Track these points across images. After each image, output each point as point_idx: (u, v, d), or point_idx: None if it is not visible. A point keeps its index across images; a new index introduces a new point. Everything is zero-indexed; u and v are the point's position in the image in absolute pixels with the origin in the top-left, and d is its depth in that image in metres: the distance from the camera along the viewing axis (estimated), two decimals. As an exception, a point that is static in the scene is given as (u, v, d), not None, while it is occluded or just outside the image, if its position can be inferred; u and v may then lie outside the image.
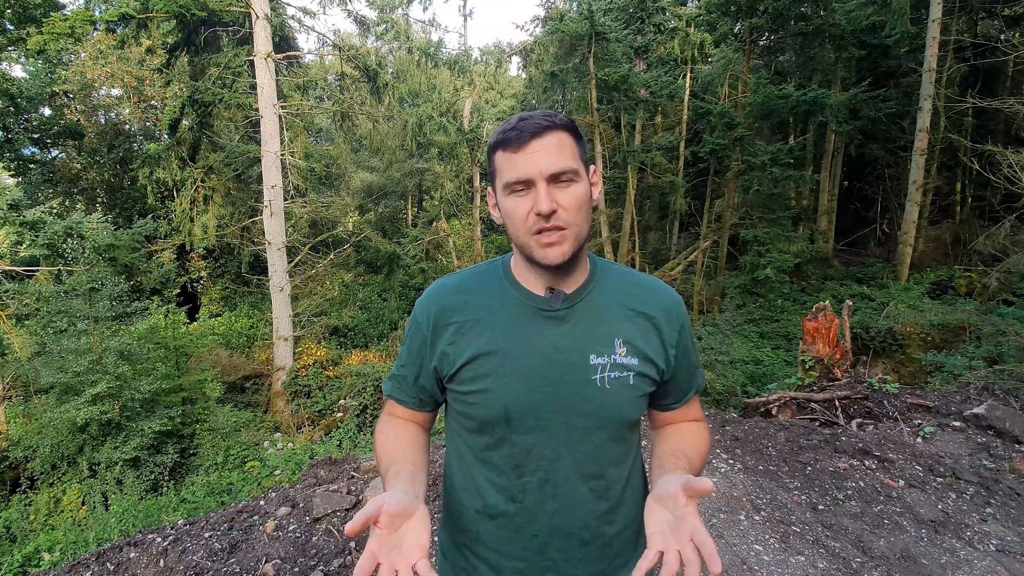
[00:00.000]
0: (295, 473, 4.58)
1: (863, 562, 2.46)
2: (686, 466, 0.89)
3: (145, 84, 13.97)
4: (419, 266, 14.04)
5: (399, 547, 0.71)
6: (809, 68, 13.78)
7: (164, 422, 6.28)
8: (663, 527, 0.74)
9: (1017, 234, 9.79)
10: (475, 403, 0.92)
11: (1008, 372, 4.94)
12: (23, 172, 12.75)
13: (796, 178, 11.27)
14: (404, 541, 0.72)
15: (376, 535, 0.71)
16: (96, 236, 7.81)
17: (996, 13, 11.64)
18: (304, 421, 8.78)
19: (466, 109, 16.11)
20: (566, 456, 0.92)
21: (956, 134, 11.21)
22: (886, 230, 14.37)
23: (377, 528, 0.71)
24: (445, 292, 0.98)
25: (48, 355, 6.71)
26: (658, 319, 0.94)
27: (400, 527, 0.73)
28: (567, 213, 0.84)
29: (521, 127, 0.83)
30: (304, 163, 10.41)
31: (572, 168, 0.84)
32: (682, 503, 0.73)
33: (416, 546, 0.72)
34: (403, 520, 0.74)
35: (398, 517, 0.73)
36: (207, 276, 13.95)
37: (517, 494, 0.93)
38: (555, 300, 0.92)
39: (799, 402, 4.36)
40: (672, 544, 0.70)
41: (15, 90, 10.78)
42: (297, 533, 2.71)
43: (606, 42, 12.13)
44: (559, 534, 0.93)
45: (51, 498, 5.73)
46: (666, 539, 0.72)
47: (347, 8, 18.43)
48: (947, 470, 3.29)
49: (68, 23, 8.69)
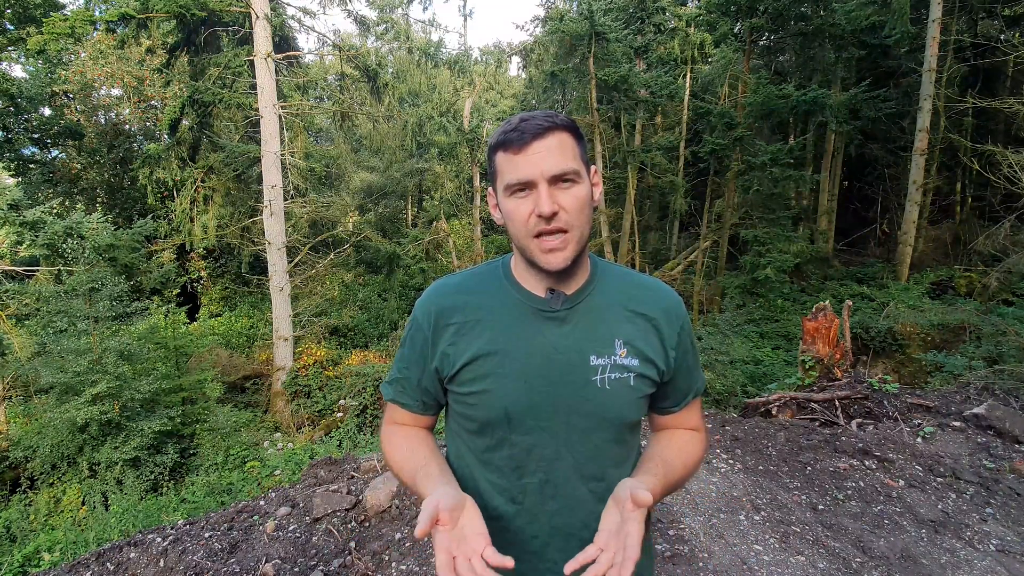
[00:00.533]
0: (295, 473, 4.58)
1: (863, 562, 2.46)
2: (661, 472, 0.90)
3: (145, 84, 13.97)
4: (419, 266, 14.04)
5: (463, 539, 0.75)
6: (809, 68, 13.78)
7: (164, 422, 6.28)
8: (611, 527, 0.77)
9: (1017, 234, 9.79)
10: (475, 404, 0.92)
11: (1008, 372, 4.94)
12: (23, 172, 12.76)
13: (796, 178, 11.27)
14: (464, 532, 0.76)
15: (441, 532, 0.74)
16: (96, 236, 7.81)
17: (996, 13, 11.64)
18: (304, 421, 8.78)
19: (466, 109, 16.11)
20: (566, 457, 0.91)
21: (956, 134, 11.21)
22: (886, 230, 14.36)
23: (440, 526, 0.74)
24: (445, 292, 0.97)
25: (48, 355, 6.71)
26: (658, 320, 0.94)
27: (459, 520, 0.77)
28: (568, 215, 0.83)
29: (522, 128, 0.83)
30: (304, 163, 10.41)
31: (574, 169, 0.84)
32: (629, 508, 0.76)
33: (478, 535, 0.75)
34: (459, 513, 0.78)
35: (455, 511, 0.77)
36: (207, 276, 13.95)
37: (517, 495, 0.93)
38: (555, 301, 0.91)
39: (799, 402, 4.36)
40: (612, 545, 0.74)
41: (15, 90, 10.78)
42: (297, 533, 2.71)
43: (606, 42, 12.14)
44: (559, 535, 0.93)
45: (51, 498, 5.73)
46: (608, 539, 0.75)
47: (347, 8, 18.47)
48: (947, 470, 3.29)
49: (68, 23, 8.69)
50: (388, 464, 1.00)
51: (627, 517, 0.75)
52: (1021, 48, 9.20)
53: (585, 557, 0.74)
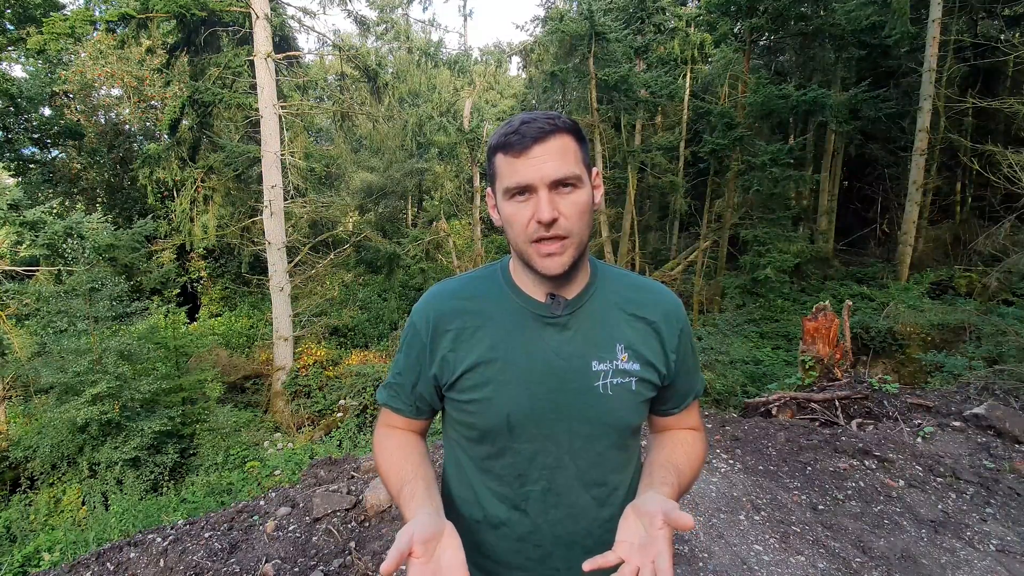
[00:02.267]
0: (295, 473, 4.58)
1: (863, 562, 2.46)
2: (675, 480, 0.88)
3: (145, 84, 13.96)
4: (419, 266, 14.03)
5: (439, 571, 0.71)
6: (809, 68, 13.79)
7: (164, 422, 6.28)
8: (633, 539, 0.74)
9: (1017, 234, 9.79)
10: (476, 412, 0.91)
11: (1008, 372, 4.94)
12: (23, 172, 12.74)
13: (796, 178, 11.27)
14: (439, 564, 0.72)
15: (414, 566, 0.71)
16: (96, 236, 7.82)
17: (996, 13, 11.64)
18: (304, 421, 8.78)
19: (466, 109, 16.10)
20: (569, 464, 0.90)
21: (956, 134, 11.21)
22: (886, 230, 14.36)
23: (413, 559, 0.71)
24: (444, 297, 0.95)
25: (48, 355, 6.71)
26: (658, 323, 0.93)
27: (434, 551, 0.73)
28: (568, 221, 0.82)
29: (523, 131, 0.81)
30: (304, 163, 10.41)
31: (575, 174, 0.82)
32: (657, 525, 0.73)
33: (455, 566, 0.72)
34: (435, 544, 0.74)
35: (430, 542, 0.73)
36: (207, 276, 13.95)
37: (520, 503, 0.92)
38: (556, 306, 0.90)
39: (799, 402, 4.36)
40: (635, 559, 0.71)
41: (15, 90, 10.77)
42: (297, 533, 2.71)
43: (606, 42, 12.13)
44: (562, 543, 0.93)
45: (51, 498, 5.72)
46: (631, 552, 0.72)
47: (347, 8, 18.51)
48: (947, 470, 3.28)
49: (68, 23, 8.69)
50: (377, 468, 0.99)
51: (655, 535, 0.72)
52: (1021, 48, 9.20)
53: (604, 561, 0.71)
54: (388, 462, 0.96)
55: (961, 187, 12.99)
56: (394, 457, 0.96)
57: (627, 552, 0.72)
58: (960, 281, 10.03)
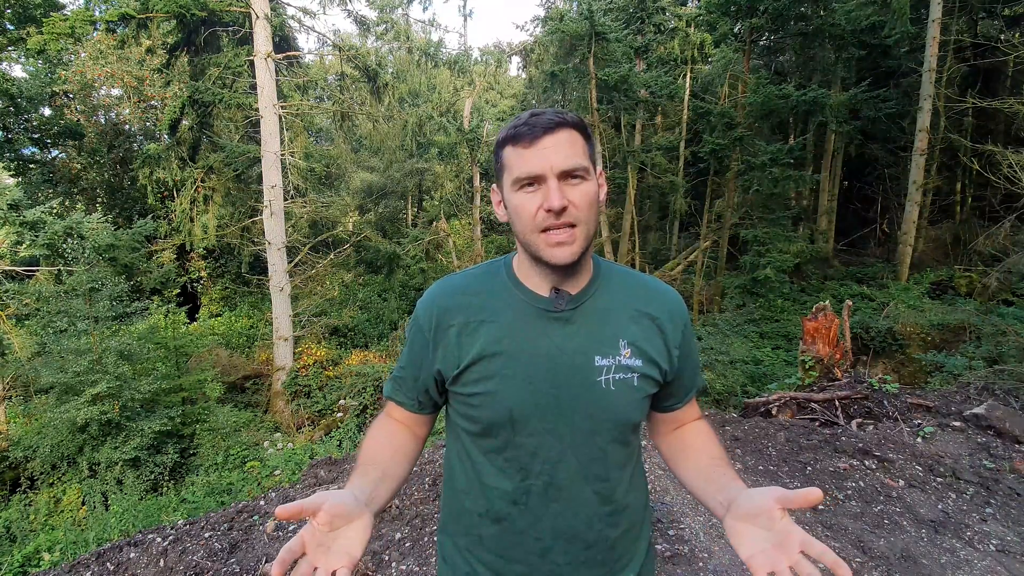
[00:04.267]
0: (295, 473, 4.58)
1: (863, 562, 2.46)
2: (734, 474, 0.90)
3: (145, 84, 13.96)
4: (419, 266, 14.04)
5: (328, 547, 0.71)
6: (809, 68, 13.80)
7: (164, 422, 6.28)
8: (763, 546, 0.71)
9: (1017, 234, 9.79)
10: (479, 405, 0.91)
11: (1008, 372, 4.94)
12: (23, 172, 12.74)
13: (796, 178, 11.27)
14: (335, 544, 0.72)
15: (311, 527, 0.70)
16: (96, 236, 7.81)
17: (996, 13, 11.65)
18: (304, 421, 8.78)
19: (466, 109, 16.10)
20: (571, 459, 0.91)
21: (956, 134, 11.21)
22: (886, 230, 14.37)
23: (313, 520, 0.71)
24: (447, 293, 0.96)
25: (48, 355, 6.71)
26: (662, 320, 0.94)
27: (338, 528, 0.73)
28: (578, 210, 0.82)
29: (533, 123, 0.82)
30: (304, 163, 10.41)
31: (583, 166, 0.83)
32: (778, 517, 0.70)
33: (344, 553, 0.71)
34: (343, 523, 0.73)
35: (338, 518, 0.72)
36: (207, 276, 13.95)
37: (521, 497, 0.92)
38: (560, 301, 0.90)
39: (799, 402, 4.36)
40: (781, 563, 0.68)
41: (15, 90, 10.77)
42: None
43: (606, 42, 12.13)
44: (563, 537, 0.93)
45: (51, 498, 5.73)
46: (771, 558, 0.69)
47: (347, 8, 18.47)
48: (947, 470, 3.28)
49: (68, 23, 8.69)
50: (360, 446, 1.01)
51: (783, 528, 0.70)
52: (1021, 48, 9.20)
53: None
54: (367, 444, 0.98)
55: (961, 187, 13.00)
56: (374, 441, 0.98)
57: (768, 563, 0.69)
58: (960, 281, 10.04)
